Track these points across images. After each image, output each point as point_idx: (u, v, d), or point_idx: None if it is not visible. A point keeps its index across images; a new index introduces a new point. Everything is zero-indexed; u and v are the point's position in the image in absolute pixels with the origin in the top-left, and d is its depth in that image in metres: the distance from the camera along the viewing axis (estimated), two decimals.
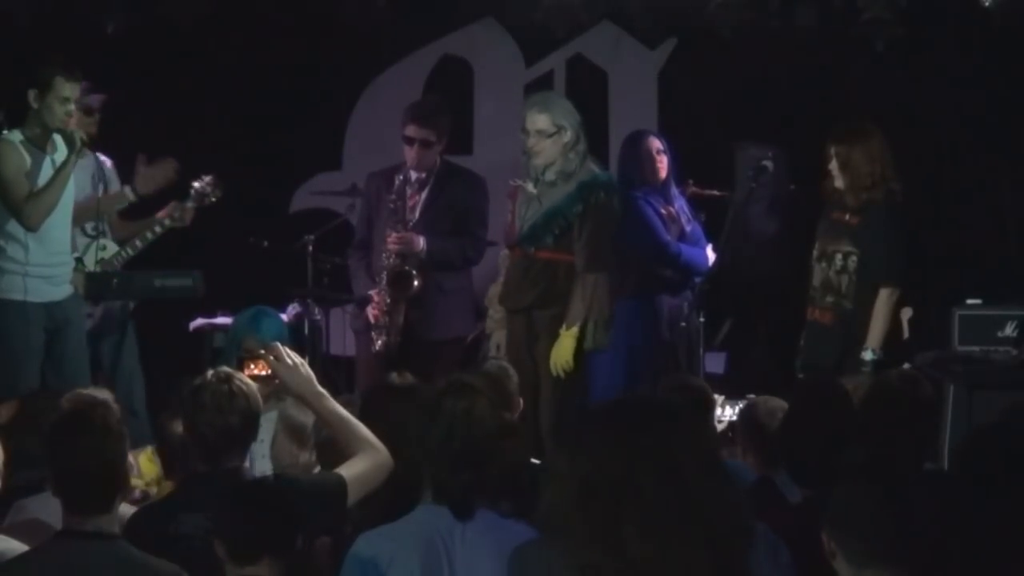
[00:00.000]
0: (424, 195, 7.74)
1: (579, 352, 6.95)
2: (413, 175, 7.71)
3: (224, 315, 8.27)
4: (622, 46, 9.80)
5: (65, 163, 7.12)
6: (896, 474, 3.26)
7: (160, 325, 8.41)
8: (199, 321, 8.61)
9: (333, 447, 4.53)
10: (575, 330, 6.92)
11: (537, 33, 9.50)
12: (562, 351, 6.91)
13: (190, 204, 7.75)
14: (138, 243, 7.77)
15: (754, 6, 9.06)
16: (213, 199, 7.81)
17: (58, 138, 7.19)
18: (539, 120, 7.03)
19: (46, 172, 7.19)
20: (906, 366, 6.89)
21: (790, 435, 4.87)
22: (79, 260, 7.55)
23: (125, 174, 7.80)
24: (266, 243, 8.72)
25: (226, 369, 4.46)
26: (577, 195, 7.01)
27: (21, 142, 7.19)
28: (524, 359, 6.98)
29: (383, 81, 9.89)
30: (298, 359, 4.45)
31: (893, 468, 3.28)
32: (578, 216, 7.00)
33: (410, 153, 7.69)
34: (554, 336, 6.98)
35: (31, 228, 7.13)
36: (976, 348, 7.14)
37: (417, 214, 7.72)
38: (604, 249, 7.06)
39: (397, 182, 7.68)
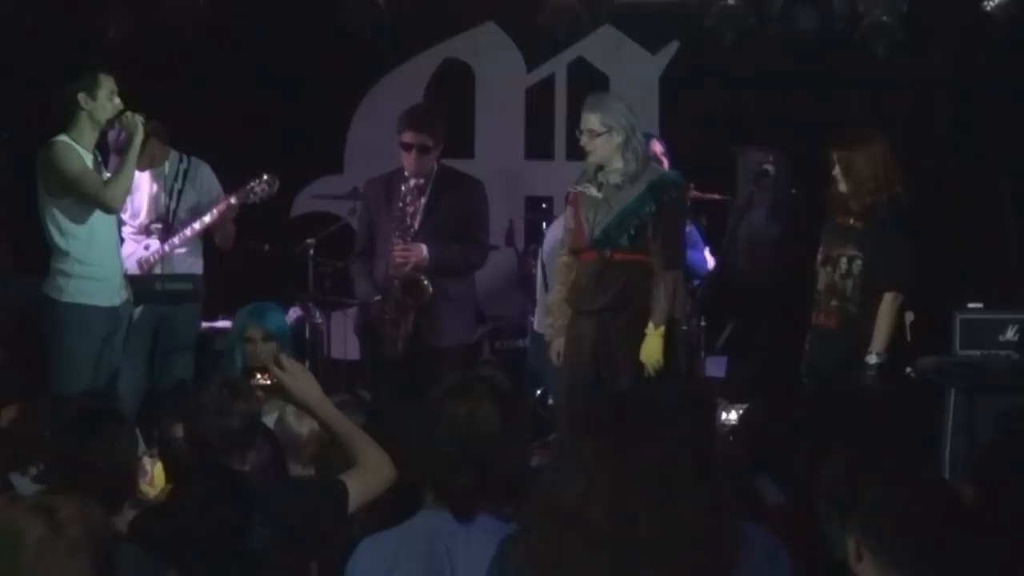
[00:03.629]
0: (423, 201, 7.73)
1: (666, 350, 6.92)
2: (412, 181, 7.71)
3: (225, 319, 8.26)
4: (623, 50, 9.80)
5: (131, 142, 7.15)
6: (929, 482, 3.15)
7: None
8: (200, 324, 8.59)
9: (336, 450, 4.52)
10: (663, 328, 6.90)
11: (538, 37, 9.50)
12: (653, 350, 6.87)
13: (234, 201, 7.79)
14: (196, 226, 7.79)
15: (756, 10, 9.06)
16: (256, 200, 7.85)
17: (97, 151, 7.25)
18: (590, 120, 7.05)
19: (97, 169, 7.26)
20: (908, 370, 6.89)
21: (780, 438, 4.86)
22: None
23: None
24: (267, 246, 8.71)
25: (227, 373, 4.46)
26: (648, 195, 7.01)
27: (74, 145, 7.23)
28: (587, 361, 6.95)
29: (385, 85, 9.89)
30: (299, 367, 4.44)
31: (926, 476, 3.17)
32: (651, 216, 7.00)
33: (408, 159, 7.69)
34: (627, 338, 6.93)
35: (115, 210, 7.23)
36: (977, 352, 7.13)
37: (418, 221, 7.72)
38: (680, 247, 7.11)
39: (402, 190, 7.68)
